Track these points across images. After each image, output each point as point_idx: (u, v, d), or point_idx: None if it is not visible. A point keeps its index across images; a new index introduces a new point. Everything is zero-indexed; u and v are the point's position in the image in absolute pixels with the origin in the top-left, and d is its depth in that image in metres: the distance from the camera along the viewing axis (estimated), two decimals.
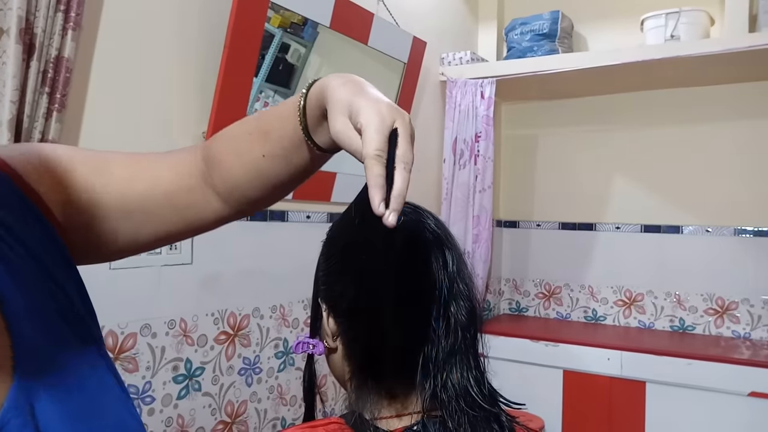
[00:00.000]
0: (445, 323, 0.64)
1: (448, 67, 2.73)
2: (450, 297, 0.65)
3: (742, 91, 2.63)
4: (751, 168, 2.62)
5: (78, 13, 1.21)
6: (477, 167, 2.60)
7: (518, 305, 3.18)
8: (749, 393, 2.17)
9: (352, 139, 0.52)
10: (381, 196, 0.49)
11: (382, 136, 0.51)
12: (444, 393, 0.62)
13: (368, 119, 0.51)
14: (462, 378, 0.63)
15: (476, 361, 0.65)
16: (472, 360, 0.65)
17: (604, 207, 2.94)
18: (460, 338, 0.64)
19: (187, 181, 0.65)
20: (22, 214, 0.52)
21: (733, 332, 2.66)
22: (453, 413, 0.61)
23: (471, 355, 0.65)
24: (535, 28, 2.68)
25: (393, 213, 0.49)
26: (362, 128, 0.51)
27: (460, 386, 0.62)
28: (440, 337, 0.64)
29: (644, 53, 2.34)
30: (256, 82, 1.68)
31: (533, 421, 2.42)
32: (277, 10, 1.69)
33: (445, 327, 0.64)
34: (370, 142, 0.50)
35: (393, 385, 0.65)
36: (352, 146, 0.52)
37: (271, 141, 0.61)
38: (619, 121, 2.90)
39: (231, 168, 0.63)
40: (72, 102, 1.28)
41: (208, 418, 1.65)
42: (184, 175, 0.64)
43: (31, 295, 0.50)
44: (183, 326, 1.58)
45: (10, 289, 0.48)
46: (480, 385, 0.64)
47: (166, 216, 0.64)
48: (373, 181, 0.49)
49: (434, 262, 0.65)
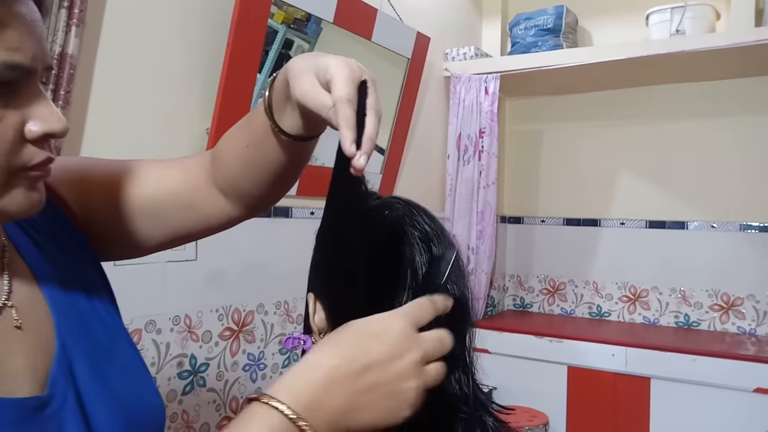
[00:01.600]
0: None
1: (452, 62, 2.72)
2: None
3: (748, 85, 2.61)
4: (757, 163, 2.61)
5: (81, 10, 1.21)
6: (481, 163, 2.60)
7: (522, 301, 3.18)
8: (755, 389, 2.16)
9: (318, 94, 0.52)
10: (352, 136, 0.49)
11: (352, 84, 0.52)
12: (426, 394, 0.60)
13: (337, 70, 0.52)
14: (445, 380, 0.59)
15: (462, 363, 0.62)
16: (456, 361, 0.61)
17: (609, 203, 2.93)
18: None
19: (194, 179, 0.69)
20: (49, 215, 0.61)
21: (739, 328, 2.65)
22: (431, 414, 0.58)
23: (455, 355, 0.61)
24: (540, 23, 2.67)
25: (363, 155, 0.49)
26: (331, 79, 0.52)
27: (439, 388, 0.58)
28: None
29: (649, 48, 2.33)
30: (260, 79, 1.68)
31: (537, 417, 2.42)
32: (280, 5, 1.69)
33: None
34: (341, 88, 0.51)
35: None
36: (317, 100, 0.52)
37: (251, 131, 0.64)
38: (624, 117, 2.89)
39: (227, 162, 0.67)
40: (76, 98, 1.28)
41: (213, 413, 1.66)
42: (190, 174, 0.69)
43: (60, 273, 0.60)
44: (188, 322, 1.58)
45: (43, 268, 0.58)
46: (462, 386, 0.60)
47: (176, 215, 0.69)
48: (344, 122, 0.49)
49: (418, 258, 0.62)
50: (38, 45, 0.49)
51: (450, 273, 0.63)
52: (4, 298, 0.54)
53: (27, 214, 0.53)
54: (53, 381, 0.53)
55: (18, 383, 0.51)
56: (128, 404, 0.59)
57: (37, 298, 0.57)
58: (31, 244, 0.60)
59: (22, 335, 0.54)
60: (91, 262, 0.66)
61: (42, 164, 0.51)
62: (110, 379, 0.58)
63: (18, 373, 0.52)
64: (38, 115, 0.50)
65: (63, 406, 0.53)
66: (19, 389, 0.51)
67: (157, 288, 1.51)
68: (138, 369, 0.64)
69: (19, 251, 0.58)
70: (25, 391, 0.51)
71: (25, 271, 0.58)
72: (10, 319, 0.54)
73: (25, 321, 0.54)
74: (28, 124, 0.50)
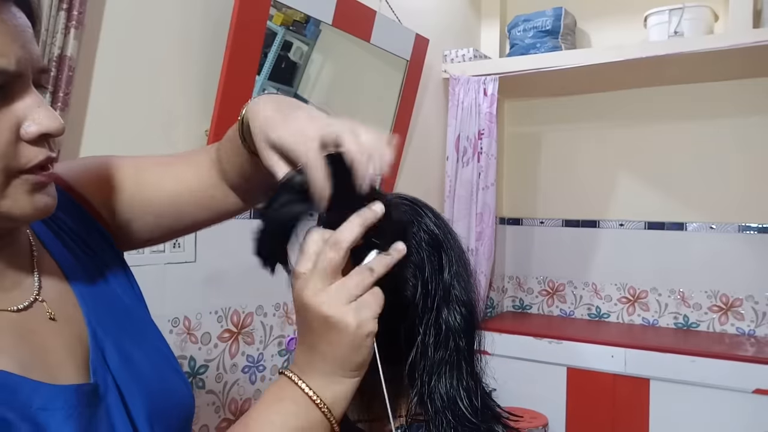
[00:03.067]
0: (435, 330, 0.60)
1: (451, 64, 2.72)
2: (443, 302, 0.61)
3: (747, 87, 2.62)
4: (756, 164, 2.61)
5: (80, 12, 1.21)
6: (480, 164, 2.60)
7: (522, 303, 3.18)
8: (754, 390, 2.16)
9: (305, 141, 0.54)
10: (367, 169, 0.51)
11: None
12: (431, 404, 0.59)
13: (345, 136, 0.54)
14: (451, 389, 0.59)
15: (471, 371, 0.61)
16: (464, 369, 0.60)
17: (608, 204, 2.93)
18: (452, 346, 0.60)
19: (207, 181, 0.73)
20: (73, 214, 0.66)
21: (738, 329, 2.65)
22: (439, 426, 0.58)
23: (464, 363, 0.60)
24: (538, 25, 2.67)
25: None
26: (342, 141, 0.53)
27: (448, 398, 0.58)
28: (428, 344, 0.60)
29: (648, 50, 2.33)
30: (259, 81, 1.68)
31: (537, 419, 2.42)
32: (279, 8, 1.69)
33: (434, 334, 0.60)
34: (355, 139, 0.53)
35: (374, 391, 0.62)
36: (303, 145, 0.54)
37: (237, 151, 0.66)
38: (622, 118, 2.89)
39: (225, 167, 0.71)
40: (75, 101, 1.28)
41: (212, 415, 1.66)
42: (204, 177, 0.73)
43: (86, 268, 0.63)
44: (187, 324, 1.58)
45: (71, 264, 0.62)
46: (471, 397, 0.59)
47: (193, 211, 0.74)
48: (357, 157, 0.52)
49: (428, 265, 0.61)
50: (24, 49, 0.50)
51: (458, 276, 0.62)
52: (35, 293, 0.57)
53: (34, 217, 0.54)
54: (95, 368, 0.56)
55: (62, 371, 0.54)
56: (156, 392, 0.61)
57: (66, 292, 0.60)
58: (59, 242, 0.63)
59: (57, 326, 0.57)
60: (116, 257, 0.70)
61: (42, 165, 0.52)
62: (139, 368, 0.61)
63: (61, 362, 0.54)
64: (33, 116, 0.51)
65: (107, 392, 0.56)
66: (64, 377, 0.54)
67: (156, 290, 1.51)
68: (166, 359, 0.67)
69: (47, 249, 0.61)
70: (70, 379, 0.54)
71: (54, 268, 0.60)
72: (43, 312, 0.56)
73: (57, 313, 0.57)
74: (24, 126, 0.50)
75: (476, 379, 0.62)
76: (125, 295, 0.68)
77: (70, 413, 0.51)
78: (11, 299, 0.55)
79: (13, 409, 0.48)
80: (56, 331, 0.56)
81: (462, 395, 0.59)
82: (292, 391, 0.54)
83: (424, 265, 0.61)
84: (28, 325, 0.54)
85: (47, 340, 0.55)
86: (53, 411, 0.50)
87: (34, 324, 0.55)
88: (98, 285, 0.64)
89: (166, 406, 0.62)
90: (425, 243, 0.62)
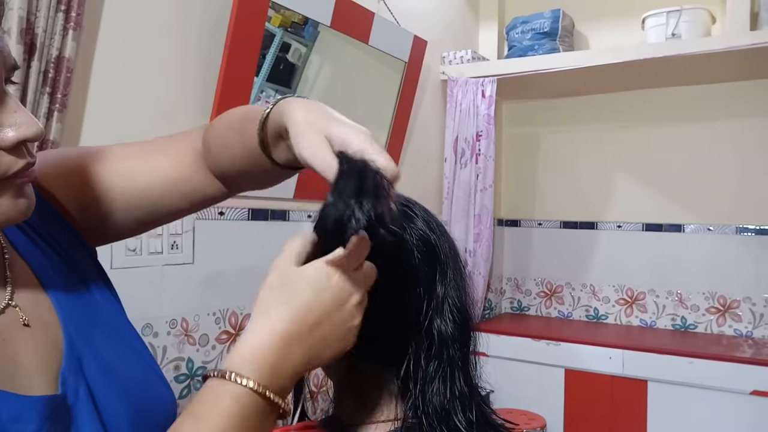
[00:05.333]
0: (427, 342, 0.58)
1: (449, 66, 2.72)
2: (435, 312, 0.59)
3: (744, 89, 2.62)
4: (753, 166, 2.62)
5: (79, 13, 1.21)
6: (478, 166, 2.60)
7: (520, 304, 3.18)
8: (751, 391, 2.17)
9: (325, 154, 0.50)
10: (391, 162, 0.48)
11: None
12: (425, 416, 0.57)
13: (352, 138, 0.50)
14: (445, 400, 0.57)
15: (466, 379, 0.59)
16: (458, 379, 0.58)
17: (606, 205, 2.94)
18: (445, 356, 0.58)
19: (188, 170, 0.68)
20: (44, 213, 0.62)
21: (735, 331, 2.65)
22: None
23: (459, 372, 0.59)
24: (536, 27, 2.67)
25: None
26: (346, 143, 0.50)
27: (442, 410, 0.57)
28: (421, 356, 0.58)
29: (645, 51, 2.34)
30: (257, 82, 1.68)
31: (535, 420, 2.42)
32: (277, 9, 1.69)
33: (427, 346, 0.58)
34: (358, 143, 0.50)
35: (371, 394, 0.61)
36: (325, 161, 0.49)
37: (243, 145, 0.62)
38: (620, 120, 2.90)
39: (218, 156, 0.66)
40: (73, 102, 1.28)
41: None
42: (185, 165, 0.68)
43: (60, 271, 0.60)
44: (185, 326, 1.58)
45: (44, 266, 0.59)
46: (466, 409, 0.58)
47: (171, 201, 0.69)
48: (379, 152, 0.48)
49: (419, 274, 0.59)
50: None
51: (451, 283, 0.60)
52: (8, 298, 0.54)
53: (15, 221, 0.52)
54: (64, 379, 0.53)
55: (31, 379, 0.52)
56: (140, 400, 0.59)
57: (40, 296, 0.57)
58: (30, 243, 0.60)
59: (31, 332, 0.54)
60: (89, 257, 0.66)
61: (22, 171, 0.50)
62: (118, 372, 0.58)
63: (31, 370, 0.52)
64: (9, 122, 0.48)
65: (75, 401, 0.53)
66: (33, 386, 0.51)
67: (154, 291, 1.50)
68: (147, 364, 0.64)
69: (18, 251, 0.58)
70: (39, 387, 0.51)
71: (26, 271, 0.58)
72: (16, 318, 0.53)
73: (32, 319, 0.54)
74: (0, 133, 0.48)
75: (472, 387, 0.60)
76: (102, 298, 0.64)
77: (41, 426, 0.49)
78: None
79: None
80: (30, 337, 0.53)
81: (456, 408, 0.57)
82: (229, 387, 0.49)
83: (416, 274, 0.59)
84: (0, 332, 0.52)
85: (19, 347, 0.52)
86: (25, 423, 0.48)
87: (6, 331, 0.52)
88: (74, 289, 0.61)
89: (150, 415, 0.60)
90: (417, 250, 0.60)
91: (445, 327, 0.59)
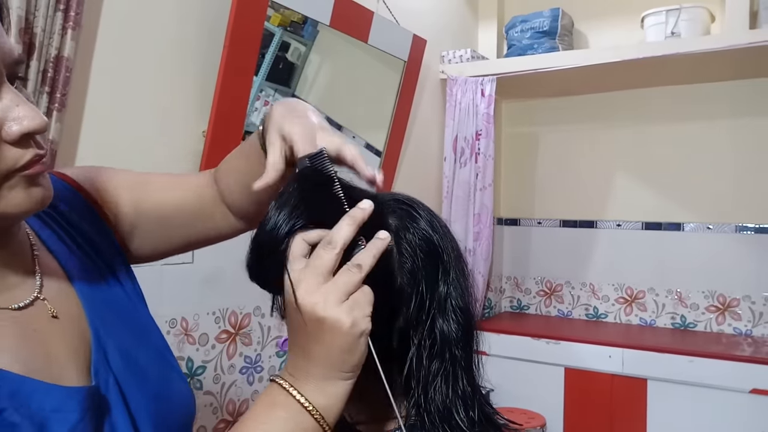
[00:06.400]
0: (430, 341, 0.59)
1: (449, 65, 2.72)
2: (438, 312, 0.59)
3: (743, 87, 2.62)
4: (752, 165, 2.62)
5: (78, 13, 1.20)
6: (478, 165, 2.60)
7: (519, 303, 3.18)
8: (751, 390, 2.17)
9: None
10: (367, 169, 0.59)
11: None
12: (427, 416, 0.57)
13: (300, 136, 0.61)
14: (447, 400, 0.57)
15: (468, 379, 0.59)
16: (461, 378, 0.59)
17: (605, 204, 2.94)
18: (448, 355, 0.58)
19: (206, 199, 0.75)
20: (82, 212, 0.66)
21: (735, 329, 2.65)
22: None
23: (462, 372, 0.59)
24: (536, 26, 2.67)
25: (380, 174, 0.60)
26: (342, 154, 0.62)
27: (444, 409, 0.57)
28: (423, 356, 0.58)
29: (645, 50, 2.33)
30: (257, 81, 1.68)
31: (535, 419, 2.42)
32: (276, 8, 1.69)
33: (429, 345, 0.59)
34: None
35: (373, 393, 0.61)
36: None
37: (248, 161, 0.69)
38: (619, 119, 2.90)
39: (228, 185, 0.73)
40: (72, 101, 1.28)
41: (210, 417, 1.66)
42: (204, 198, 0.75)
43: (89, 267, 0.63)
44: (184, 325, 1.58)
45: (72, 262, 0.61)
46: (468, 408, 0.58)
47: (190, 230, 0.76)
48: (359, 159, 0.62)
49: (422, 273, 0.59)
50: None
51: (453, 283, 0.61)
52: (37, 291, 0.55)
53: (32, 211, 0.52)
54: (96, 369, 0.55)
55: (64, 370, 0.53)
56: (160, 394, 0.61)
57: (68, 290, 0.59)
58: (58, 240, 0.62)
59: (60, 324, 0.55)
60: (119, 257, 0.69)
61: (31, 162, 0.50)
62: (142, 370, 0.60)
63: (62, 361, 0.54)
64: (13, 116, 0.48)
65: (107, 394, 0.55)
66: (65, 376, 0.53)
67: (154, 291, 1.50)
68: (167, 361, 0.67)
69: (47, 247, 0.60)
70: (71, 378, 0.53)
71: (54, 266, 0.59)
72: (45, 310, 0.55)
73: (60, 311, 0.56)
74: (5, 127, 0.48)
75: (474, 387, 0.60)
76: (128, 296, 0.67)
77: (83, 416, 0.50)
78: (12, 298, 0.53)
79: (18, 410, 0.46)
80: (59, 329, 0.55)
81: (459, 407, 0.58)
82: (284, 398, 0.52)
83: (419, 273, 0.59)
84: (30, 323, 0.53)
85: (49, 338, 0.54)
86: (67, 413, 0.49)
87: (37, 322, 0.54)
88: (101, 284, 0.63)
89: (169, 409, 0.62)
90: (420, 250, 0.60)
91: (448, 326, 0.59)
